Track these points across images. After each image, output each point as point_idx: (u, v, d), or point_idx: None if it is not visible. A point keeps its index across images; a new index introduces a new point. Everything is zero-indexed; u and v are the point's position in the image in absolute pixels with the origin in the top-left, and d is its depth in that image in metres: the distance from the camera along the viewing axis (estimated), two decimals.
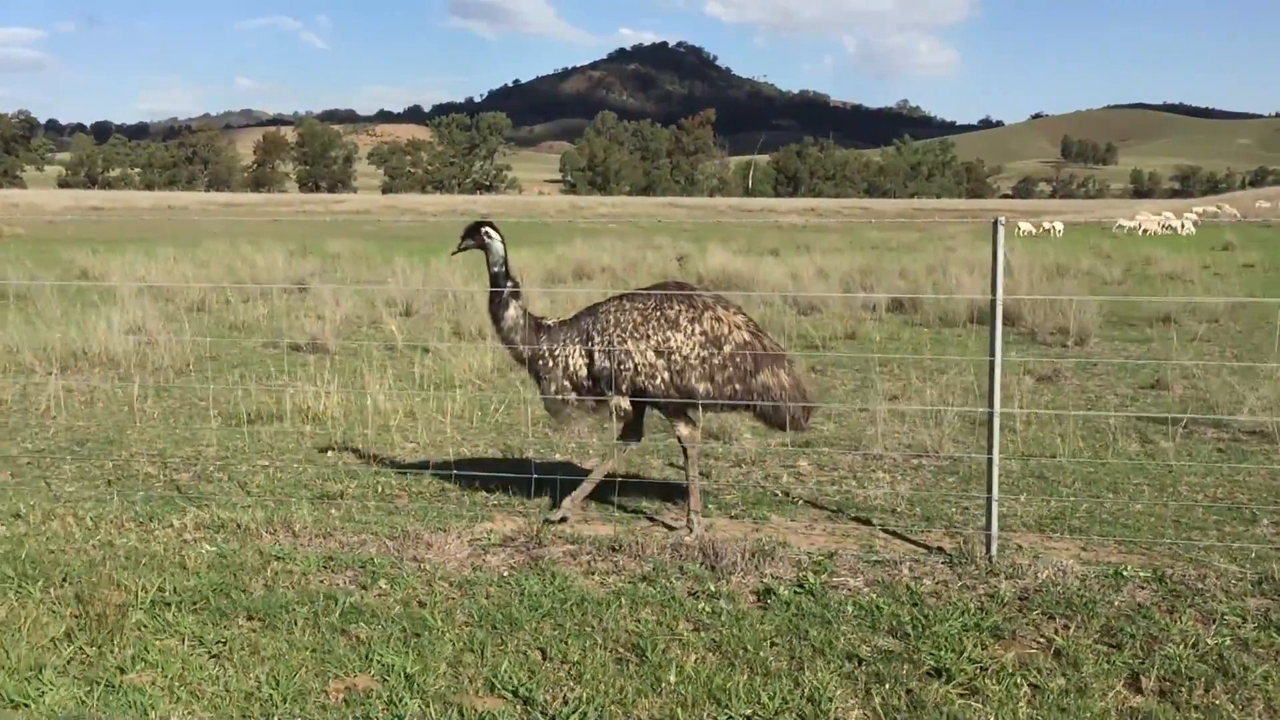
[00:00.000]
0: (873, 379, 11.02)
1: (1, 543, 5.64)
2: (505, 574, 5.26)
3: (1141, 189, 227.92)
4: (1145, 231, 52.28)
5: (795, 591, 4.96)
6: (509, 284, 6.12)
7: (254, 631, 4.64)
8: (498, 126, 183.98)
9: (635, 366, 5.83)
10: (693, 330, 5.82)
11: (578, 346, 6.01)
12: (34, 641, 4.51)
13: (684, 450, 6.02)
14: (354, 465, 7.45)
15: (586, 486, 6.18)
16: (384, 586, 5.11)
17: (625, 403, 5.95)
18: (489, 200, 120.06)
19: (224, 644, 4.53)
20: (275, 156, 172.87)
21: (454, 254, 6.37)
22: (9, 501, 6.38)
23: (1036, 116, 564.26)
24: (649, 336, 5.82)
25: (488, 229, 6.14)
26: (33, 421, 8.81)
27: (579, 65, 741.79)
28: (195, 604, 4.90)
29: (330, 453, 7.84)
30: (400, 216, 71.94)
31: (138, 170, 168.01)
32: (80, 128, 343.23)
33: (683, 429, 5.97)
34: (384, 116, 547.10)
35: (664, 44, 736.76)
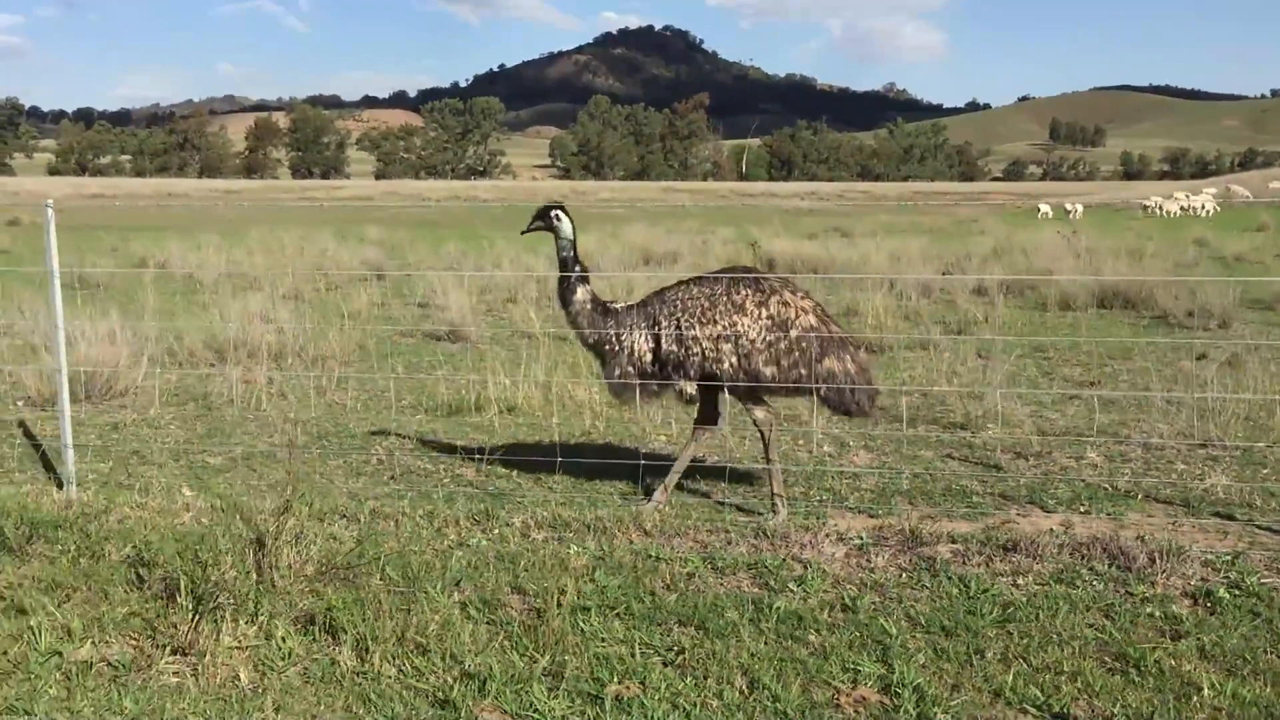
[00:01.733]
0: (1093, 368, 10.84)
1: (351, 544, 5.38)
2: (904, 576, 5.06)
3: (1131, 171, 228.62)
4: (1167, 213, 52.28)
5: (1234, 594, 4.76)
6: (577, 268, 6.14)
7: (697, 639, 4.42)
8: (491, 111, 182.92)
9: (703, 351, 5.87)
10: (759, 314, 5.86)
11: (644, 331, 6.04)
12: (477, 649, 4.29)
13: (761, 434, 6.05)
14: (621, 459, 7.22)
15: (673, 475, 6.17)
16: (794, 589, 4.89)
17: (691, 387, 6.00)
18: (488, 185, 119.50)
19: (677, 653, 4.31)
20: (267, 142, 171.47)
21: (524, 233, 6.32)
22: (322, 501, 6.12)
23: (1023, 99, 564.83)
24: (716, 321, 5.86)
25: (557, 212, 6.11)
26: (250, 416, 8.55)
27: (564, 50, 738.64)
28: (613, 608, 4.67)
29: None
30: (404, 202, 71.52)
31: (128, 157, 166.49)
32: (63, 114, 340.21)
33: (758, 413, 6.01)
34: (369, 102, 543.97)
35: (649, 28, 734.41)
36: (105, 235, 30.75)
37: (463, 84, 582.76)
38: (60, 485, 6.48)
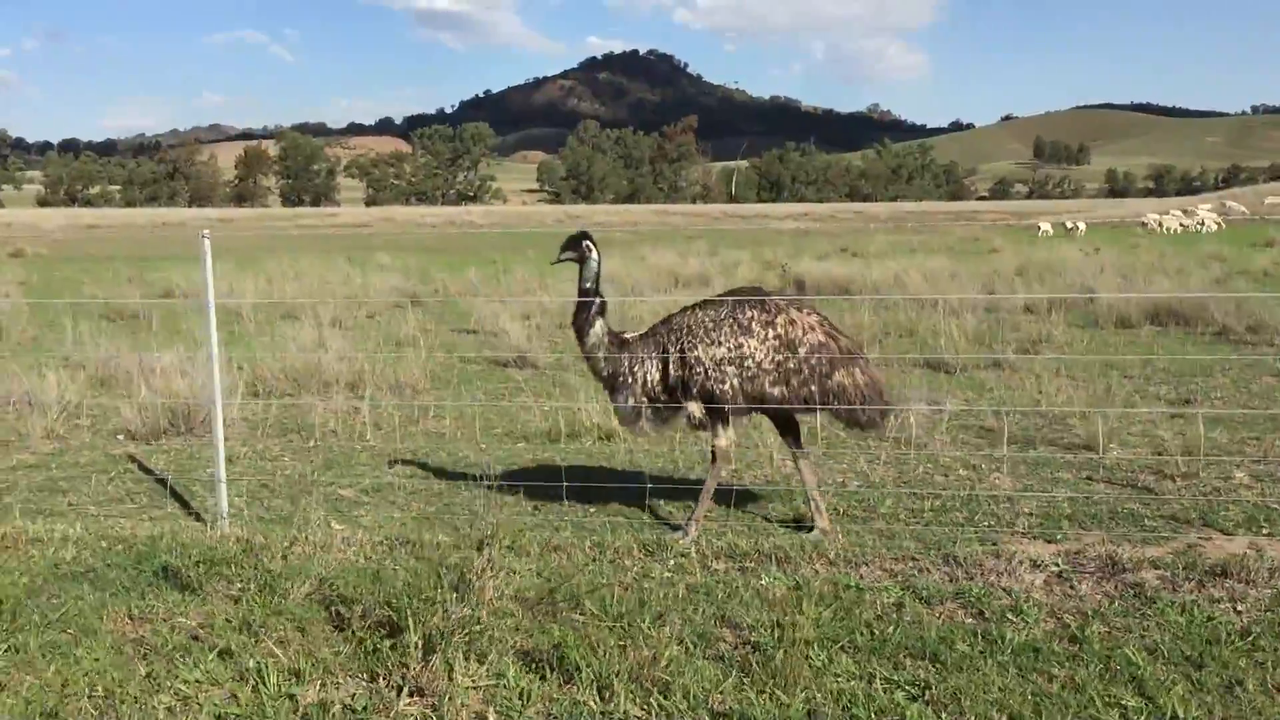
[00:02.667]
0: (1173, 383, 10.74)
1: (531, 577, 5.23)
2: (1116, 604, 4.92)
3: (1117, 188, 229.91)
4: (1168, 230, 52.45)
5: None
6: (597, 299, 6.10)
7: (936, 674, 4.26)
8: (481, 137, 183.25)
9: (705, 371, 5.85)
10: (766, 335, 5.84)
11: (655, 359, 6.03)
12: (713, 687, 4.14)
13: (712, 456, 6.06)
14: (754, 485, 7.08)
15: (815, 499, 6.11)
16: (1013, 619, 4.75)
17: (698, 410, 5.95)
18: (482, 210, 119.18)
19: (922, 688, 4.16)
20: (257, 171, 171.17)
21: (554, 264, 6.26)
22: (523, 534, 5.95)
23: (1006, 119, 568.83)
24: (720, 343, 5.84)
25: (588, 243, 6.09)
26: (358, 446, 8.38)
27: (550, 75, 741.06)
28: (834, 642, 4.51)
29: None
30: (398, 229, 71.37)
31: (117, 187, 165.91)
32: (48, 145, 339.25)
33: (719, 441, 5.99)
34: (355, 129, 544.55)
35: (634, 52, 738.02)
36: (122, 266, 30.51)
37: (449, 110, 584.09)
38: (198, 519, 6.32)
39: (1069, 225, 52.87)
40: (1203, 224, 53.41)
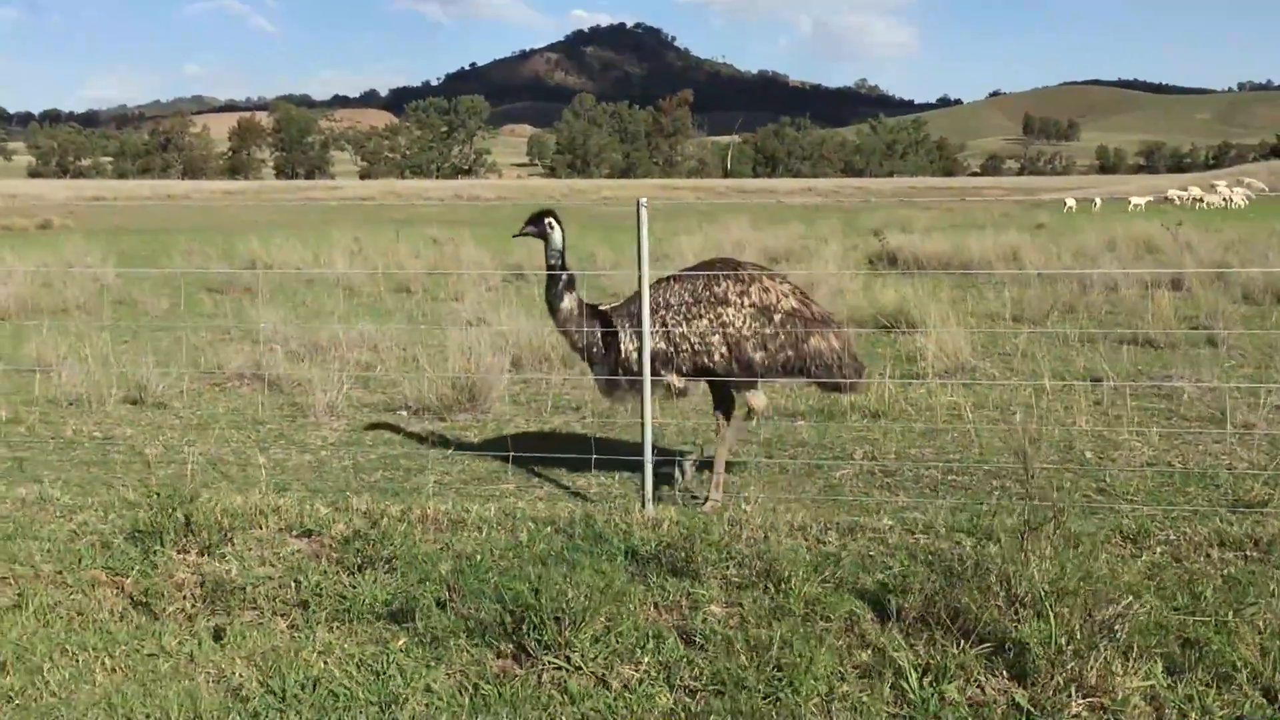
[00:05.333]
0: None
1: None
2: None
3: (1108, 165, 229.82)
4: (1207, 204, 52.42)
5: None
6: (565, 274, 6.15)
7: None
8: (476, 110, 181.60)
9: (692, 346, 5.95)
10: (742, 303, 5.96)
11: (629, 331, 6.06)
12: None
13: (718, 427, 6.21)
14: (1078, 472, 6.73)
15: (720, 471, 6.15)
16: None
17: (679, 381, 6.07)
18: (485, 184, 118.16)
19: None
20: (251, 143, 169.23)
21: (515, 236, 6.36)
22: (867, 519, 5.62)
23: (994, 94, 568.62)
24: (701, 316, 5.96)
25: (550, 219, 6.17)
26: (663, 424, 8.00)
27: (536, 48, 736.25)
28: None
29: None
30: (402, 200, 70.52)
31: (109, 159, 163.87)
32: (29, 116, 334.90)
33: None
34: (340, 101, 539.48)
35: (621, 25, 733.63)
36: (163, 236, 29.74)
37: (434, 83, 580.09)
38: (585, 499, 5.95)
39: (1098, 200, 52.76)
40: (1229, 200, 53.38)
